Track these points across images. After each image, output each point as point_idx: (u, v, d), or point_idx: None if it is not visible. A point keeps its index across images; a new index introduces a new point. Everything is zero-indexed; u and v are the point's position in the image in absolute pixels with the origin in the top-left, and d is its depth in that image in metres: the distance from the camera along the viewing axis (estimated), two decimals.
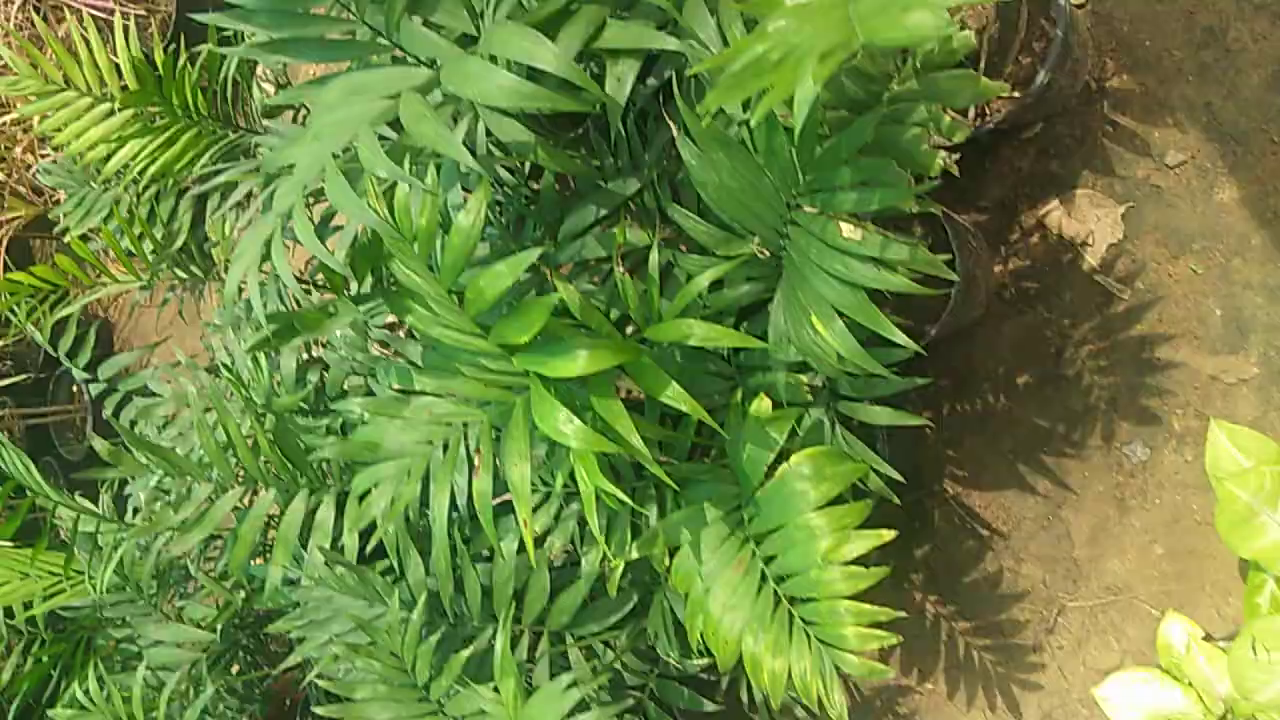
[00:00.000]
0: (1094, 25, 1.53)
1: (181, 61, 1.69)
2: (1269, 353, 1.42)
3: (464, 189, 1.38)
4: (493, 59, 1.04)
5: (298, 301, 1.51)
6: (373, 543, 1.34)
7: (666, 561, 1.35)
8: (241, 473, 1.58)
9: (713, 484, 1.34)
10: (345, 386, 1.69)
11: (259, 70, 1.95)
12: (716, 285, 1.28)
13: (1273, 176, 1.41)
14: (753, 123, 0.77)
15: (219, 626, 1.89)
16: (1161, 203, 1.49)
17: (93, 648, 2.06)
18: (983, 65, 1.42)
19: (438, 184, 0.99)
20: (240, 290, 1.05)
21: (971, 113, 1.42)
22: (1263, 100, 1.42)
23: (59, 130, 1.84)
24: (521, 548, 1.42)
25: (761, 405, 1.29)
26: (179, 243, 1.97)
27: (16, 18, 2.68)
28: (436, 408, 1.10)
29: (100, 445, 1.57)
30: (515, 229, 1.48)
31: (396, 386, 1.14)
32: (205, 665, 1.87)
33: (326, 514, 1.60)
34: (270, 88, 1.99)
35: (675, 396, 1.10)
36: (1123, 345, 1.53)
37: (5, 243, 3.09)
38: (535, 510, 1.42)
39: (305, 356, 1.76)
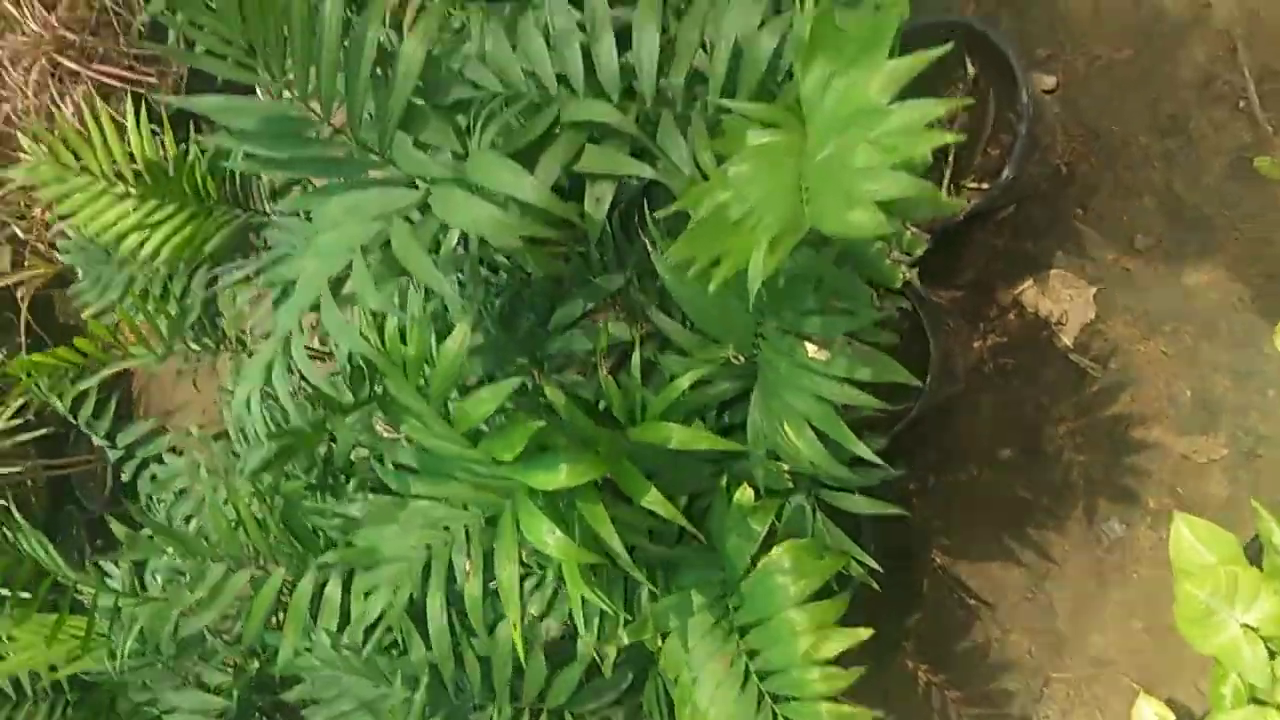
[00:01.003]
0: (1062, 111, 1.58)
1: (191, 155, 1.77)
2: (1237, 434, 1.46)
3: (459, 277, 1.45)
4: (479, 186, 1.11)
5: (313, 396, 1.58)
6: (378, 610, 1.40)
7: (659, 642, 1.40)
8: (252, 550, 1.65)
9: (701, 569, 1.40)
10: (351, 458, 1.76)
11: None
12: (701, 380, 1.34)
13: (1237, 263, 1.46)
14: (712, 287, 0.83)
15: (235, 693, 1.96)
16: (1132, 285, 1.54)
17: (115, 710, 2.13)
18: (950, 157, 1.47)
19: (426, 317, 1.05)
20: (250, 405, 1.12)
21: None
22: (1225, 188, 1.46)
23: (75, 213, 1.92)
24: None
25: (744, 495, 1.34)
26: (192, 318, 2.05)
27: (34, 85, 2.77)
28: (431, 512, 1.16)
29: (117, 529, 1.65)
30: (508, 315, 1.55)
31: (394, 487, 1.21)
32: None
33: (334, 590, 1.66)
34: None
35: (654, 502, 1.15)
36: (1098, 423, 1.58)
37: (28, 300, 3.19)
38: (531, 593, 1.48)
39: None
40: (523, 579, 1.31)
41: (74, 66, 2.51)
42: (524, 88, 1.20)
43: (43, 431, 3.25)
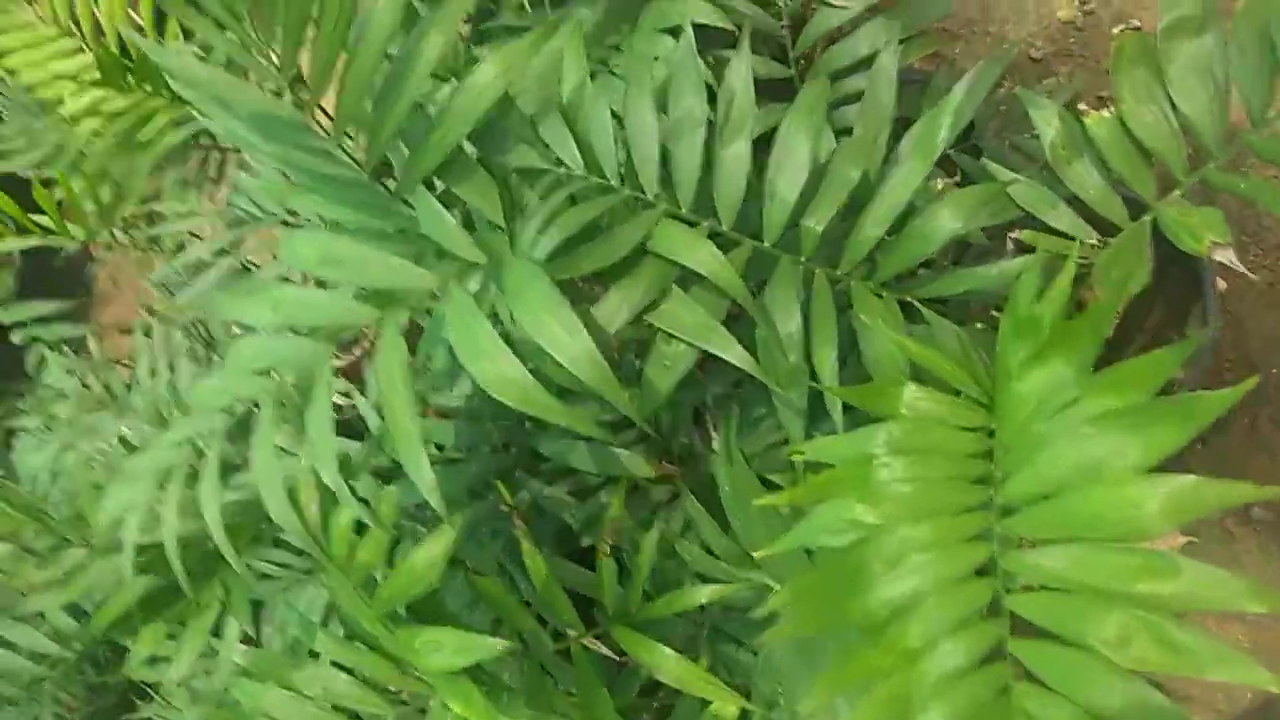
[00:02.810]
0: (1222, 325, 1.31)
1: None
2: None
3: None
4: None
5: None
6: None
7: None
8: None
9: None
10: None
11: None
12: None
13: None
14: None
15: (77, 648, 1.69)
16: (1229, 553, 1.30)
17: None
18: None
19: (392, 517, 0.75)
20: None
21: None
22: None
23: (9, 53, 1.55)
24: None
25: (725, 713, 1.09)
26: (126, 209, 1.70)
27: None
28: (333, 684, 0.89)
29: None
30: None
31: (296, 633, 0.93)
32: (51, 687, 1.67)
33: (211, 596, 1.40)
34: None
35: None
36: None
37: None
38: None
39: None
40: None
41: None
42: (614, 178, 0.88)
43: None
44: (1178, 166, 0.82)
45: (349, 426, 1.15)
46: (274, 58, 0.82)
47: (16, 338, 2.01)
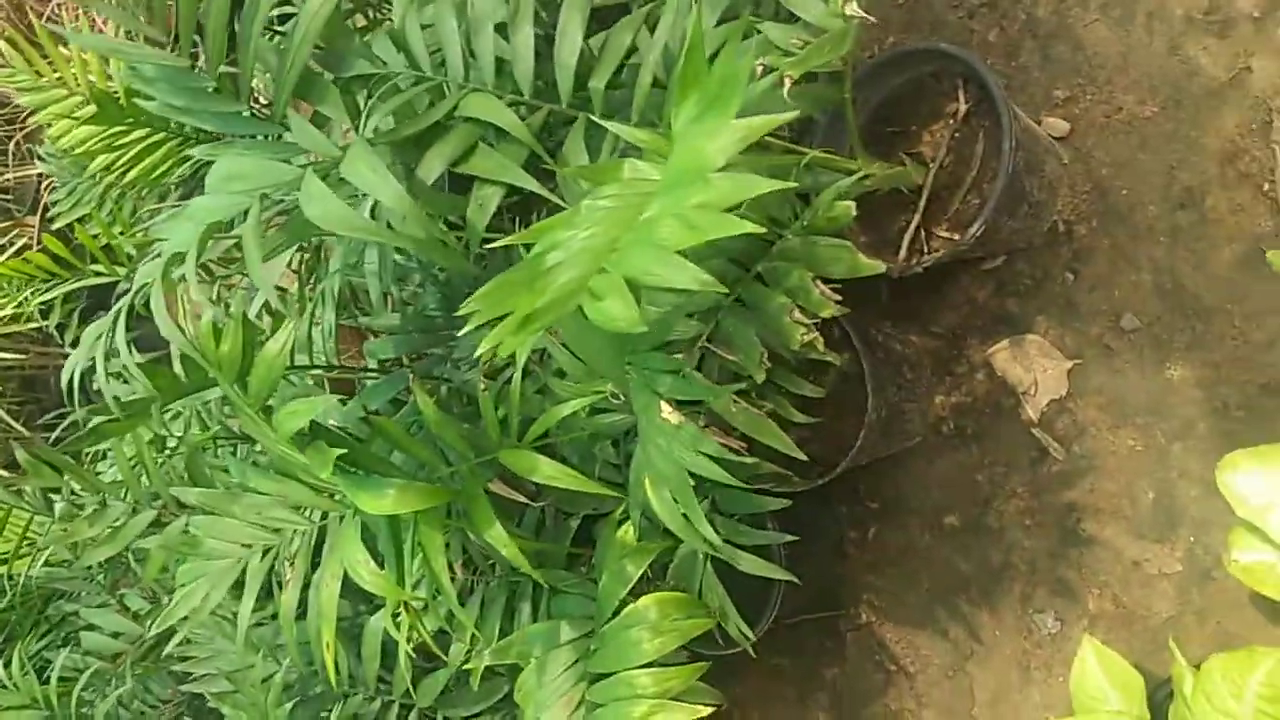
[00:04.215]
0: (1072, 161, 1.42)
1: None
2: (1195, 550, 1.31)
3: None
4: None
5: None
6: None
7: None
8: (155, 495, 1.61)
9: (578, 599, 1.32)
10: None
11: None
12: (597, 408, 1.24)
13: (1229, 363, 1.29)
14: (480, 349, 0.74)
15: (150, 623, 1.95)
16: (1111, 367, 1.38)
17: (44, 615, 2.14)
18: (923, 200, 1.32)
19: (243, 313, 0.97)
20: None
21: (904, 251, 1.33)
22: (1232, 279, 1.29)
23: (50, 124, 1.88)
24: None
25: (626, 534, 1.25)
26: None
27: None
28: (267, 510, 1.09)
29: (21, 455, 1.62)
30: (426, 300, 1.47)
31: (234, 475, 1.14)
32: (129, 660, 1.92)
33: None
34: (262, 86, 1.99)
35: (497, 539, 1.07)
36: (1050, 508, 1.43)
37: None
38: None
39: None
40: None
41: None
42: (430, 72, 1.09)
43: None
44: None
45: None
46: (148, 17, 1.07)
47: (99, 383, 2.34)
